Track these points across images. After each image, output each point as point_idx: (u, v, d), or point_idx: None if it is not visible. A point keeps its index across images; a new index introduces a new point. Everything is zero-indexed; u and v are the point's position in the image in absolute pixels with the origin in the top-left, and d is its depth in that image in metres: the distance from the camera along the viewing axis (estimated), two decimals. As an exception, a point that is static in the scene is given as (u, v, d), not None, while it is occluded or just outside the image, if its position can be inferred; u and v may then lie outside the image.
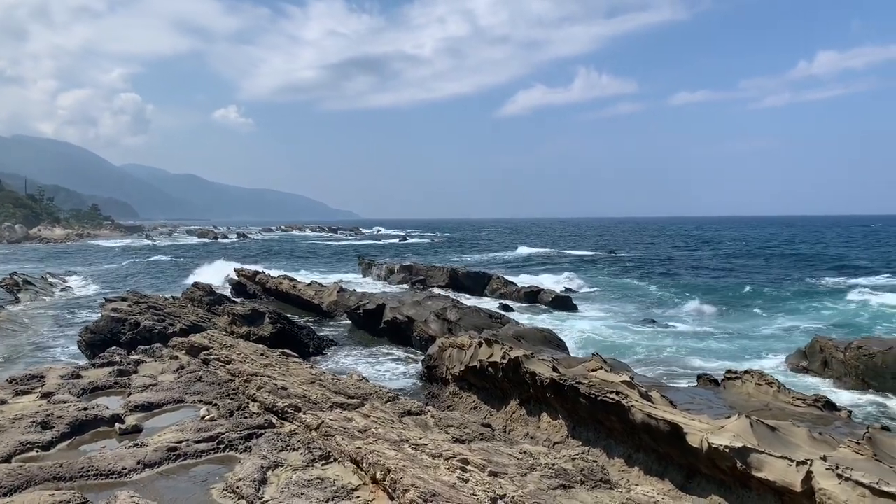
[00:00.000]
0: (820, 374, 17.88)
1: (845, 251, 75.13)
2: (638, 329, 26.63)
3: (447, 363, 15.42)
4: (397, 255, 75.46)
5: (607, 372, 10.97)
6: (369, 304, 25.83)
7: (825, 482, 6.97)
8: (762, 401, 11.47)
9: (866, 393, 16.34)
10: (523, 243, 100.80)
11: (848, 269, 52.01)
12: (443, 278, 39.23)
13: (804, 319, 28.38)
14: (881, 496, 6.57)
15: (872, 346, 16.70)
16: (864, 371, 16.57)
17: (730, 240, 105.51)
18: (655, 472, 9.43)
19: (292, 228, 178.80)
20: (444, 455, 6.85)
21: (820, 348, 18.14)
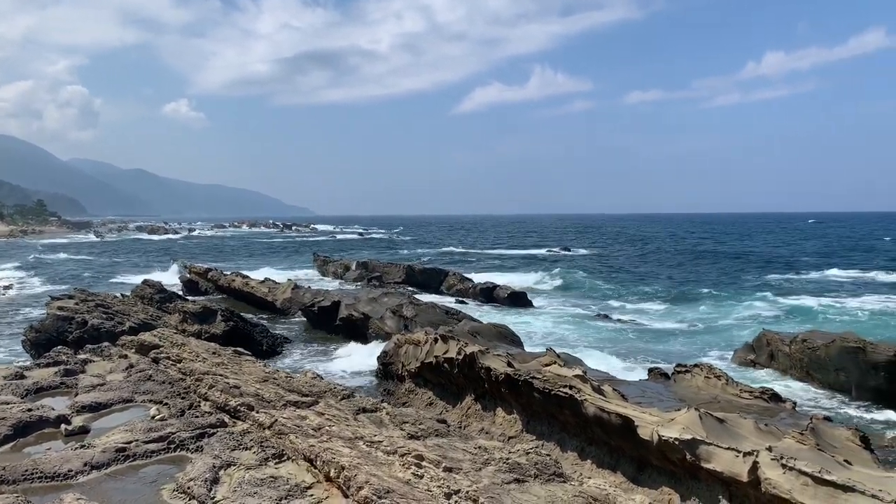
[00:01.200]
0: (766, 367, 18.36)
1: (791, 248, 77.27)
2: (592, 324, 26.99)
3: (403, 360, 15.41)
4: (353, 251, 75.11)
5: (561, 366, 11.10)
6: (324, 301, 25.65)
7: (770, 472, 7.16)
8: (711, 393, 11.73)
9: (810, 385, 16.84)
10: (482, 240, 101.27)
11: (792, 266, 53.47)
12: (399, 275, 39.18)
13: (751, 314, 29.08)
14: (823, 484, 6.78)
15: (816, 339, 17.19)
16: (809, 364, 17.06)
17: (681, 237, 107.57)
18: (608, 464, 9.57)
19: (246, 225, 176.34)
20: (398, 452, 6.85)
21: (766, 342, 18.62)
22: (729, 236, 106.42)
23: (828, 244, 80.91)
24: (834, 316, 28.45)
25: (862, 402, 15.48)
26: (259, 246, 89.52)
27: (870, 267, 50.08)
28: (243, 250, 79.76)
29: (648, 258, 62.99)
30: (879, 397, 15.35)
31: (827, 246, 78.05)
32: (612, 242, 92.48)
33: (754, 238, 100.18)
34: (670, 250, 73.74)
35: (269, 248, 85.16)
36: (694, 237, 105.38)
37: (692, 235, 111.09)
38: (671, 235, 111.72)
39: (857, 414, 14.87)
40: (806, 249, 72.89)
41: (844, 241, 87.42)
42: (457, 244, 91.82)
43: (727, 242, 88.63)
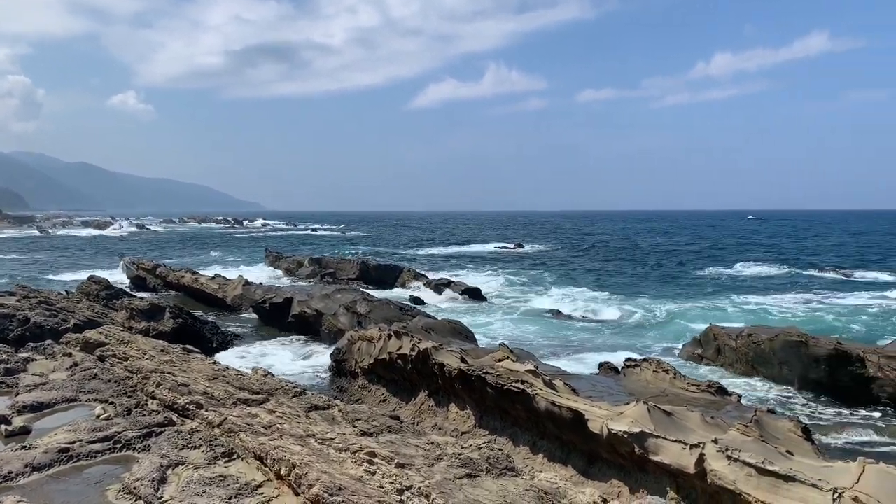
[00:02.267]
0: (713, 361, 18.78)
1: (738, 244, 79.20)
2: (544, 319, 27.25)
3: (356, 356, 15.34)
4: (306, 247, 74.42)
5: (513, 362, 11.18)
6: (276, 297, 25.37)
7: (716, 463, 7.33)
8: (659, 387, 11.96)
9: (755, 378, 17.30)
10: (435, 236, 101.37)
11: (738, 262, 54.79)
12: (353, 271, 38.96)
13: (699, 309, 29.71)
14: (766, 475, 6.97)
15: (761, 334, 17.66)
16: (754, 357, 17.52)
17: (633, 233, 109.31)
18: (559, 458, 9.69)
19: (195, 220, 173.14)
20: (351, 449, 6.82)
21: (713, 336, 19.05)
22: (678, 233, 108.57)
23: (776, 241, 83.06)
24: (778, 311, 29.25)
25: (804, 395, 15.95)
26: (209, 242, 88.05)
27: (810, 264, 51.60)
28: (193, 246, 78.34)
29: (600, 254, 63.86)
30: (821, 389, 15.85)
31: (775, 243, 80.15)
32: (565, 239, 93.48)
33: (703, 234, 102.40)
34: (622, 246, 74.85)
35: (219, 243, 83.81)
36: (644, 234, 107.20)
37: (643, 232, 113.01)
38: (623, 232, 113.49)
39: (799, 406, 15.33)
40: (753, 246, 74.77)
41: (788, 239, 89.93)
42: (411, 240, 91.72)
43: (677, 239, 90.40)
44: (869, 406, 14.98)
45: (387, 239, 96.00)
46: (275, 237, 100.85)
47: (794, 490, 6.74)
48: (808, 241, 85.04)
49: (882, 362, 15.04)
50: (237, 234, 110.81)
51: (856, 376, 15.32)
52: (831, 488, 6.51)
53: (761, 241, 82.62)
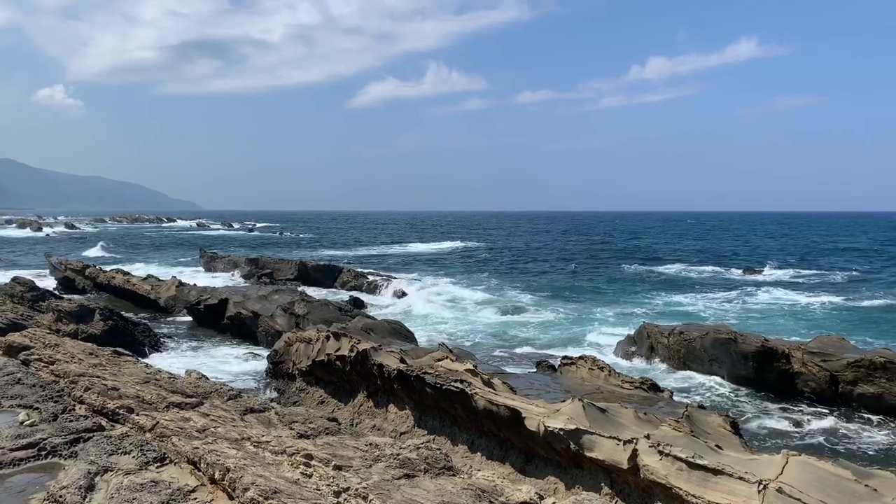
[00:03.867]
0: (647, 358, 19.25)
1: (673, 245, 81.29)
2: (485, 318, 27.45)
3: (294, 358, 15.16)
4: (243, 247, 73.12)
5: (453, 361, 11.23)
6: (211, 298, 24.86)
7: (648, 458, 7.52)
8: (594, 384, 12.18)
9: (687, 374, 17.80)
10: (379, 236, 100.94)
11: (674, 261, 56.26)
12: (291, 271, 38.48)
13: (635, 307, 30.38)
14: (696, 468, 7.19)
15: (692, 331, 18.18)
16: (686, 354, 18.03)
17: (573, 233, 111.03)
18: (497, 456, 9.77)
19: (127, 219, 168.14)
20: (287, 451, 6.74)
21: (647, 334, 19.52)
22: (616, 233, 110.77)
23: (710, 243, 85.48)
24: (710, 309, 30.15)
25: (733, 390, 16.50)
26: (142, 241, 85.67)
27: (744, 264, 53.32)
28: (125, 246, 76.08)
29: (541, 253, 64.68)
30: (748, 385, 16.41)
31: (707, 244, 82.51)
32: (507, 238, 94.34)
33: (639, 235, 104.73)
34: (561, 246, 75.97)
35: (152, 243, 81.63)
36: (584, 233, 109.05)
37: (582, 232, 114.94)
38: (563, 232, 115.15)
39: (728, 401, 15.84)
40: (686, 247, 76.86)
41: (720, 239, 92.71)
42: (353, 240, 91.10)
43: (614, 239, 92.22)
44: (793, 400, 15.59)
45: (328, 239, 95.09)
46: (211, 237, 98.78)
47: (723, 483, 6.96)
48: (739, 241, 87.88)
49: (805, 358, 15.66)
50: (171, 234, 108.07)
51: (781, 372, 15.92)
52: (757, 480, 6.75)
53: (694, 243, 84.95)
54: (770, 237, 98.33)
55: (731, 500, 6.74)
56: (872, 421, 14.17)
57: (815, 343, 16.45)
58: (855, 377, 14.83)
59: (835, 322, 26.71)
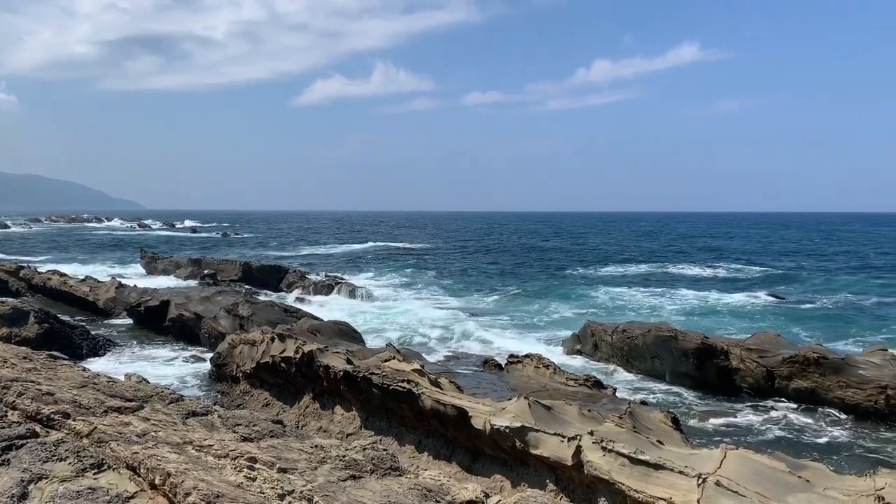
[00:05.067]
0: (591, 356, 19.56)
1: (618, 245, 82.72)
2: (432, 318, 27.47)
3: (238, 360, 14.94)
4: (185, 248, 71.62)
5: (400, 361, 11.22)
6: (152, 300, 24.29)
7: (592, 455, 7.65)
8: (540, 382, 12.33)
9: (630, 371, 18.15)
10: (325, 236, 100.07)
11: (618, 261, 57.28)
12: (235, 272, 37.83)
13: (580, 306, 30.82)
14: (638, 464, 7.34)
15: (635, 329, 18.54)
16: (628, 352, 18.37)
17: (521, 234, 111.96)
18: (444, 455, 9.81)
19: (65, 219, 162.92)
20: (230, 455, 6.63)
21: (591, 332, 19.83)
22: (562, 233, 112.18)
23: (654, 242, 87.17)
24: (653, 307, 30.79)
25: (674, 387, 16.88)
26: (80, 242, 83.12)
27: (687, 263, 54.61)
28: (62, 246, 73.70)
29: (488, 254, 65.06)
30: (689, 381, 16.82)
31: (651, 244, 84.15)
32: (455, 238, 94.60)
33: (584, 235, 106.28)
34: (509, 246, 76.54)
35: (91, 244, 79.26)
36: (532, 234, 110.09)
37: (528, 233, 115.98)
38: (512, 232, 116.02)
39: (669, 397, 16.20)
40: (630, 246, 78.30)
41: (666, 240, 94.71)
42: (299, 240, 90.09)
43: (561, 240, 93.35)
44: (732, 396, 16.04)
45: (274, 239, 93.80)
46: (152, 237, 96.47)
47: (664, 477, 7.13)
48: (682, 241, 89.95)
49: (743, 355, 16.14)
50: (111, 234, 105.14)
51: (720, 368, 16.36)
52: (696, 474, 6.93)
53: (639, 243, 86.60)
54: (712, 237, 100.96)
55: (671, 494, 6.90)
56: (807, 415, 14.68)
57: (752, 340, 16.95)
58: (790, 372, 15.34)
59: (771, 319, 27.58)
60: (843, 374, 14.73)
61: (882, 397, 14.10)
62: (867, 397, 14.31)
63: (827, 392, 14.80)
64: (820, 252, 67.33)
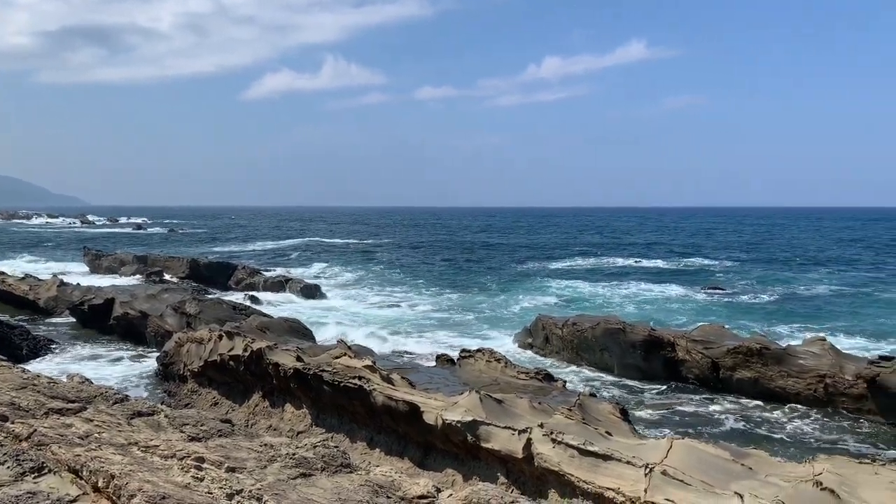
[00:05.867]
0: (542, 350, 19.75)
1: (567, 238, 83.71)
2: (384, 314, 27.41)
3: (185, 359, 14.67)
4: (131, 245, 69.93)
5: (351, 358, 11.16)
6: (95, 298, 23.67)
7: (542, 447, 7.73)
8: (492, 376, 12.40)
9: (580, 364, 18.39)
10: (277, 232, 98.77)
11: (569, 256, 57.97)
12: (182, 269, 37.11)
13: (532, 300, 31.06)
14: (587, 455, 7.45)
15: (584, 322, 18.78)
16: (578, 345, 18.61)
17: (474, 229, 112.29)
18: (396, 451, 9.80)
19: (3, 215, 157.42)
20: (177, 455, 6.51)
21: (542, 326, 20.02)
22: (514, 228, 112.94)
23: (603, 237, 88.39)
24: (603, 300, 31.25)
25: (623, 378, 17.17)
26: (19, 239, 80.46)
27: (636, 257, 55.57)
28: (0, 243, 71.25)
29: (441, 249, 65.13)
30: (638, 373, 17.12)
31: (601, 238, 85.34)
32: (408, 234, 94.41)
33: (536, 230, 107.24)
34: (462, 242, 76.72)
35: (30, 241, 76.78)
36: (485, 229, 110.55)
37: (483, 228, 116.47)
38: (465, 228, 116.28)
39: (618, 389, 16.47)
40: (582, 241, 79.33)
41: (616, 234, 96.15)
42: (249, 236, 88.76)
43: (513, 234, 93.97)
44: (678, 386, 16.38)
45: (222, 235, 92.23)
46: (96, 234, 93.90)
47: (612, 468, 7.25)
48: (631, 235, 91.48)
49: (689, 346, 16.50)
50: (52, 231, 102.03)
51: (667, 360, 16.70)
52: (644, 464, 7.06)
53: (590, 237, 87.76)
54: (659, 231, 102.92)
55: (619, 484, 7.02)
56: (750, 404, 15.09)
57: (697, 331, 17.34)
58: (734, 363, 15.74)
59: (717, 311, 28.27)
60: (784, 364, 15.18)
61: (821, 386, 14.58)
62: (807, 386, 14.78)
63: (769, 382, 15.23)
64: (761, 245, 69.32)
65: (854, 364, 14.62)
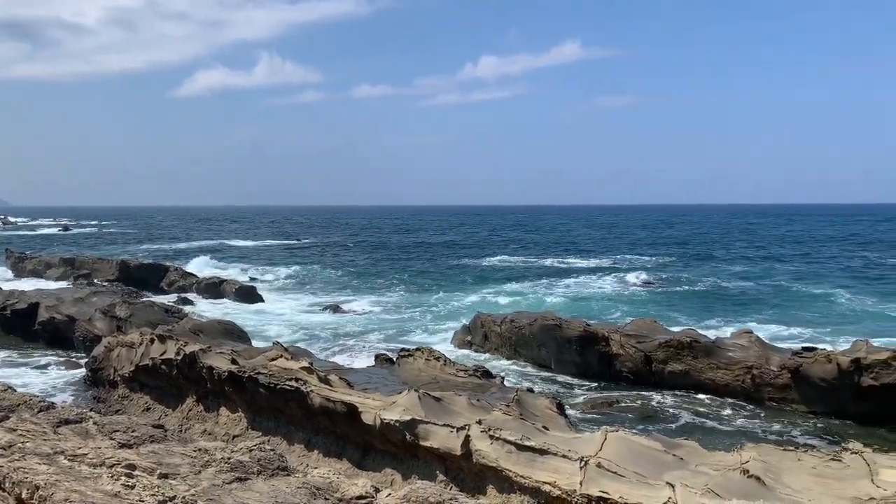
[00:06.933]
0: (481, 347, 19.89)
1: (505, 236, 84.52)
2: (322, 315, 27.17)
3: (115, 364, 14.25)
4: (57, 246, 67.40)
5: (287, 360, 11.03)
6: (19, 302, 22.76)
7: (480, 443, 7.79)
8: (431, 375, 12.43)
9: (518, 360, 18.60)
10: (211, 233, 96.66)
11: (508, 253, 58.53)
12: (112, 272, 35.95)
13: (471, 299, 31.22)
14: (524, 450, 7.54)
15: (522, 319, 19.00)
16: (516, 341, 18.82)
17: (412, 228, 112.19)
18: (334, 452, 9.73)
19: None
20: (106, 463, 6.33)
21: (481, 324, 20.17)
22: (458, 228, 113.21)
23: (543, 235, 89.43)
24: (542, 297, 31.63)
25: (560, 374, 17.44)
26: (-65, 242, 76.61)
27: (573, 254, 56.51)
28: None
29: (382, 249, 64.90)
30: (574, 368, 17.40)
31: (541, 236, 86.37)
32: (346, 234, 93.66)
33: (475, 228, 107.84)
34: (401, 241, 76.58)
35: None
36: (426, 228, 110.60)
37: (422, 226, 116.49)
38: (403, 227, 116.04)
39: (555, 384, 16.73)
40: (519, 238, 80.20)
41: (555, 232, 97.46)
42: (183, 237, 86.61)
43: (455, 234, 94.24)
44: (613, 380, 16.73)
45: (155, 236, 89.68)
46: (19, 236, 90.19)
47: (548, 462, 7.36)
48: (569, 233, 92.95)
49: (623, 340, 16.86)
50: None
51: (602, 354, 17.03)
52: (579, 457, 7.20)
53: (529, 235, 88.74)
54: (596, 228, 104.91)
55: (555, 477, 7.14)
56: (681, 396, 15.52)
57: (631, 326, 17.73)
58: (666, 356, 16.17)
59: (651, 305, 29.00)
60: (713, 357, 15.67)
61: (748, 377, 15.10)
62: (735, 377, 15.29)
63: (699, 374, 15.69)
64: (695, 241, 71.43)
65: (779, 355, 15.19)
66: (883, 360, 13.23)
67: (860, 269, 41.70)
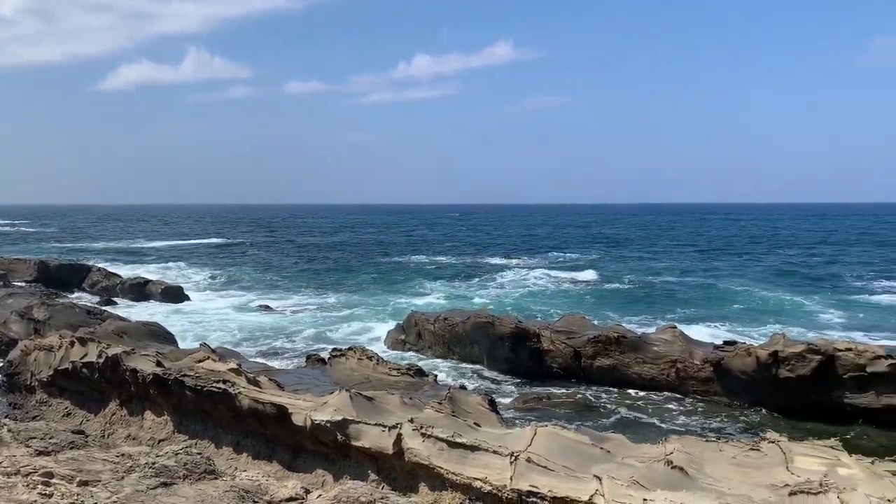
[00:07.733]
0: (415, 346, 19.89)
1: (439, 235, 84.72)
2: (253, 315, 26.69)
3: (32, 368, 13.66)
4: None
5: (215, 361, 10.80)
6: (-72, 306, 21.56)
7: (412, 442, 7.80)
8: (363, 374, 12.37)
9: (451, 359, 18.68)
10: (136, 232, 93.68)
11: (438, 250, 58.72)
12: (29, 272, 34.45)
13: (408, 298, 31.20)
14: (455, 447, 7.59)
15: (455, 317, 19.09)
16: (450, 339, 18.89)
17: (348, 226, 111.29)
18: (264, 454, 9.58)
19: None
20: (21, 472, 6.09)
21: (414, 322, 20.18)
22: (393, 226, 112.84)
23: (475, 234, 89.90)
24: (474, 295, 31.87)
25: (492, 371, 17.59)
26: None
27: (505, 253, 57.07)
28: None
29: (315, 247, 64.15)
30: (506, 365, 17.57)
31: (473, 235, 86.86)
32: (277, 233, 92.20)
33: (410, 228, 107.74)
34: (333, 240, 75.87)
35: None
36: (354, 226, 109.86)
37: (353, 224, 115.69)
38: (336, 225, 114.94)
39: (488, 381, 16.88)
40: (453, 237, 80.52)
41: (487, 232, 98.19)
42: (106, 236, 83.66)
43: (390, 232, 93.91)
44: (544, 376, 16.98)
45: (76, 235, 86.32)
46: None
47: (479, 458, 7.42)
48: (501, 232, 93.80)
49: (553, 337, 17.12)
50: None
51: (533, 351, 17.25)
52: (509, 453, 7.28)
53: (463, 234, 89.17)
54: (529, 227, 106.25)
55: (486, 473, 7.20)
56: (609, 390, 15.88)
57: (561, 322, 18.04)
58: (594, 352, 16.50)
59: (583, 302, 29.58)
60: (639, 352, 16.08)
61: (673, 371, 15.57)
62: (660, 371, 15.74)
63: (627, 368, 16.08)
64: (626, 239, 73.20)
65: (702, 349, 15.71)
66: (798, 352, 13.82)
67: (779, 267, 43.47)
